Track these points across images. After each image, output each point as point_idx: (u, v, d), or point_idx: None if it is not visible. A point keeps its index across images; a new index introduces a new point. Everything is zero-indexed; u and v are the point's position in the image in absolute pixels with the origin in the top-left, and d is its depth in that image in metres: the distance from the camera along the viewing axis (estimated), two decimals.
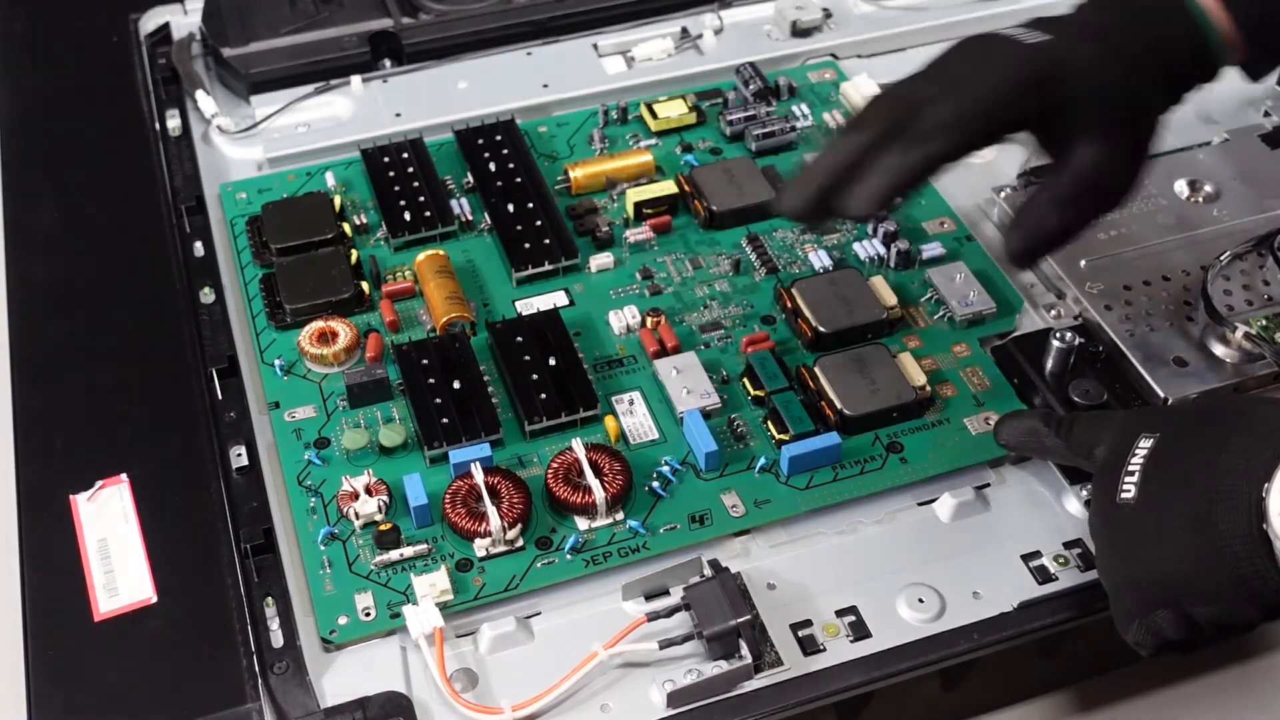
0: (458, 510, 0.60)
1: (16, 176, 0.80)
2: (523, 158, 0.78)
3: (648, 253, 0.74)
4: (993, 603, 0.58)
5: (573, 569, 0.59)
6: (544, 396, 0.65)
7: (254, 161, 0.81)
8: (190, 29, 0.90)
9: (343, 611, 0.57)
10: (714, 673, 0.54)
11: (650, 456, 0.64)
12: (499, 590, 0.58)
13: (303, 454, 0.64)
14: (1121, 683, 0.64)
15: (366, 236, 0.75)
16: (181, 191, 0.78)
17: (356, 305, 0.71)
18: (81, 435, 0.65)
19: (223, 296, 0.72)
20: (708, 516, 0.61)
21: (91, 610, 0.57)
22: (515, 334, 0.67)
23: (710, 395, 0.65)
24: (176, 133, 0.83)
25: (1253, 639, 0.65)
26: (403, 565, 0.59)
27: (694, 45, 0.88)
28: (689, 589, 0.56)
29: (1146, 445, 0.53)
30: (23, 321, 0.71)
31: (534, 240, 0.73)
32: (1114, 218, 0.73)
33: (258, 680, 0.55)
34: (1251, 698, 0.63)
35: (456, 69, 0.87)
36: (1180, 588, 0.50)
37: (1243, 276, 0.70)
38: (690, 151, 0.80)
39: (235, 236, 0.75)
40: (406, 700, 0.55)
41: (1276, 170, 0.76)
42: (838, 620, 0.58)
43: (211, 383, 0.67)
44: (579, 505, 0.60)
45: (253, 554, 0.59)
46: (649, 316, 0.69)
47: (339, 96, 0.85)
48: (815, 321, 0.68)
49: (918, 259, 0.72)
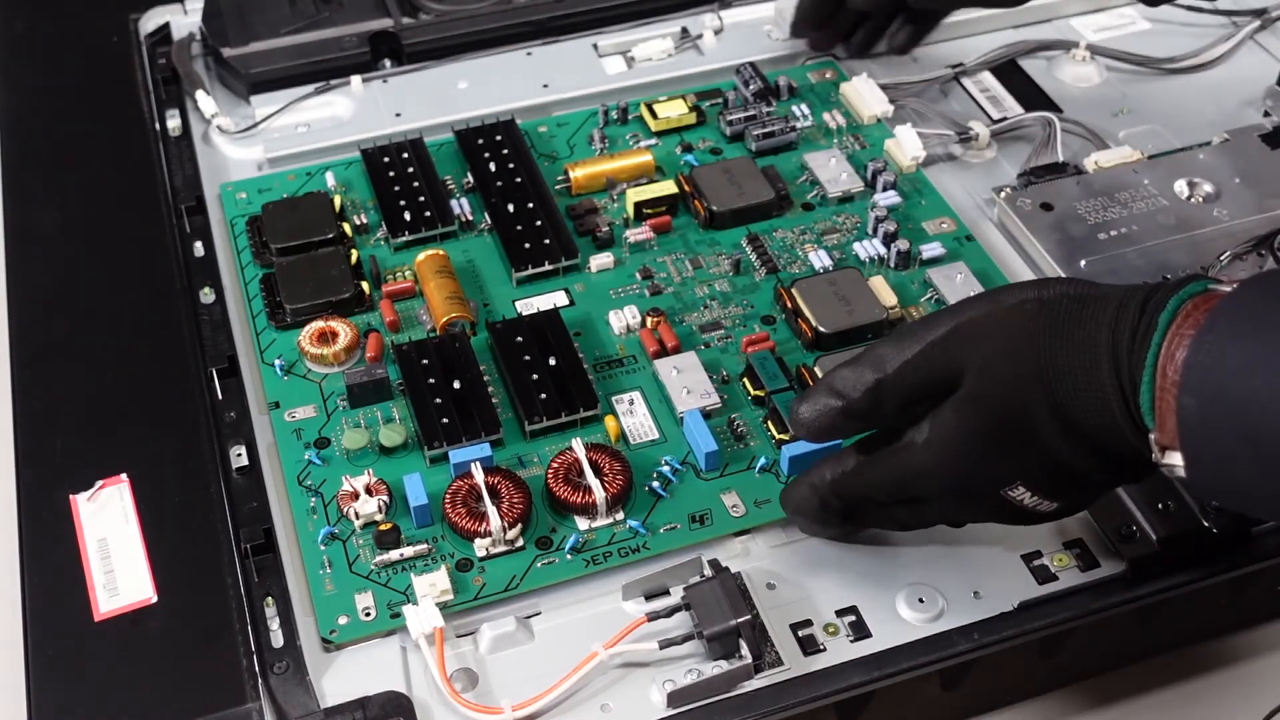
0: (458, 510, 0.60)
1: (16, 177, 0.79)
2: (523, 158, 0.78)
3: (648, 253, 0.74)
4: (993, 603, 0.58)
5: (573, 569, 0.59)
6: (544, 396, 0.65)
7: (254, 161, 0.81)
8: (190, 29, 0.90)
9: (343, 611, 0.57)
10: (714, 673, 0.54)
11: (650, 456, 0.64)
12: (499, 590, 0.58)
13: (303, 454, 0.64)
14: (1121, 683, 0.64)
15: (366, 236, 0.75)
16: (181, 192, 0.78)
17: (356, 305, 0.71)
18: (81, 435, 0.65)
19: (223, 296, 0.72)
20: (708, 516, 0.61)
21: (91, 610, 0.57)
22: (515, 334, 0.67)
23: (710, 395, 0.65)
24: (176, 133, 0.83)
25: (1254, 639, 0.65)
26: (403, 565, 0.59)
27: (694, 45, 0.88)
28: (689, 589, 0.56)
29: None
30: (23, 321, 0.71)
31: (534, 240, 0.73)
32: (1114, 217, 0.73)
33: (258, 680, 0.55)
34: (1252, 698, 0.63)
35: (456, 69, 0.87)
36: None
37: (1243, 276, 0.69)
38: (690, 151, 0.80)
39: (235, 237, 0.75)
40: (406, 700, 0.55)
41: (1276, 170, 0.76)
42: (838, 620, 0.58)
43: (211, 383, 0.67)
44: (579, 505, 0.60)
45: (253, 554, 0.59)
46: (649, 316, 0.69)
47: (339, 96, 0.85)
48: (815, 321, 0.68)
49: (918, 259, 0.72)
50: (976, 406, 0.50)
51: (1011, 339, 0.50)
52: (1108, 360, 0.47)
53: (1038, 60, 0.88)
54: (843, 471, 0.55)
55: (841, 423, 0.53)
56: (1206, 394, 0.44)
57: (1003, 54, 0.88)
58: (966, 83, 0.86)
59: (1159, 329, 0.46)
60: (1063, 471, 0.50)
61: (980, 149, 0.81)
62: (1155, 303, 0.47)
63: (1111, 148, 0.79)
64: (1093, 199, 0.74)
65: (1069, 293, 0.50)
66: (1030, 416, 0.49)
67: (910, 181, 0.78)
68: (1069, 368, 0.48)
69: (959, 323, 0.51)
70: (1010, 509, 0.53)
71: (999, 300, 0.51)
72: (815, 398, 0.53)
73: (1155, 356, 0.46)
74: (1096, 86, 0.86)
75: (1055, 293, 0.50)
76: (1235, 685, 0.64)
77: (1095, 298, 0.49)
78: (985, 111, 0.84)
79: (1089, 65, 0.87)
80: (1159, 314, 0.46)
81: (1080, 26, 0.91)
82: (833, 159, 0.78)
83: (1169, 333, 0.46)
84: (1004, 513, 0.53)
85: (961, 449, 0.51)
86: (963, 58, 0.87)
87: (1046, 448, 0.50)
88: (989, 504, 0.53)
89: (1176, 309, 0.46)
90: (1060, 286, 0.50)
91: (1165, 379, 0.46)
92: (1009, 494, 0.52)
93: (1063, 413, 0.49)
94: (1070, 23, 0.91)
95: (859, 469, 0.55)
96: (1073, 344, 0.48)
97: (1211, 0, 0.91)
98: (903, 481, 0.53)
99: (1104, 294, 0.49)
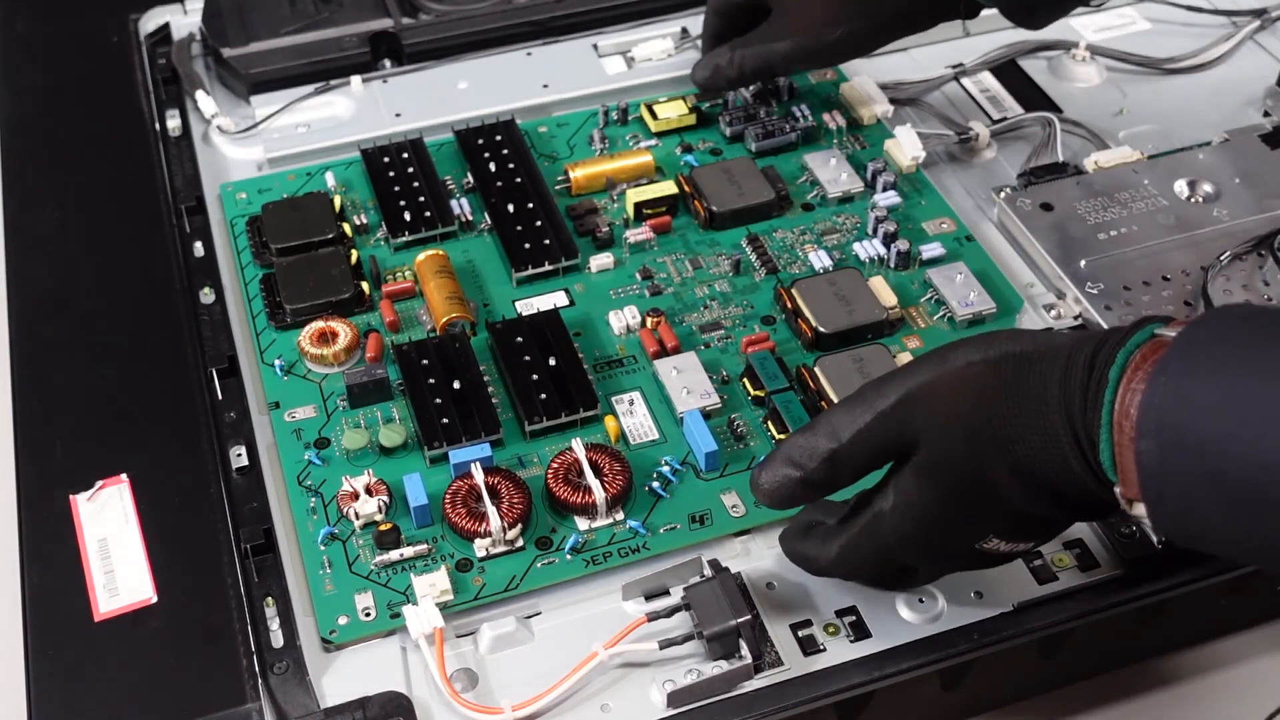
0: (458, 510, 0.60)
1: (16, 176, 0.80)
2: (523, 158, 0.78)
3: (648, 253, 0.74)
4: (992, 603, 0.58)
5: (573, 569, 0.59)
6: (544, 396, 0.65)
7: (254, 162, 0.81)
8: (190, 29, 0.90)
9: (343, 611, 0.57)
10: (714, 673, 0.54)
11: (650, 457, 0.64)
12: (499, 590, 0.58)
13: (303, 454, 0.64)
14: (1121, 683, 0.64)
15: (366, 237, 0.75)
16: (181, 192, 0.78)
17: (356, 305, 0.71)
18: (81, 435, 0.65)
19: (223, 297, 0.72)
20: (708, 516, 0.61)
21: (91, 610, 0.57)
22: (515, 334, 0.67)
23: (710, 395, 0.65)
24: (176, 133, 0.83)
25: (1254, 639, 0.65)
26: (403, 565, 0.59)
27: (694, 45, 0.88)
28: (689, 589, 0.56)
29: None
30: (23, 321, 0.71)
31: (534, 240, 0.73)
32: (1114, 217, 0.73)
33: (258, 680, 0.55)
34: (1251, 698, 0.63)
35: (456, 69, 0.87)
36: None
37: (1243, 277, 0.70)
38: (690, 152, 0.80)
39: (235, 237, 0.75)
40: (406, 700, 0.55)
41: (1276, 170, 0.76)
42: (838, 620, 0.58)
43: (211, 383, 0.67)
44: (579, 505, 0.60)
45: (253, 554, 0.59)
46: (649, 317, 0.69)
47: (339, 97, 0.85)
48: (815, 322, 0.68)
49: (918, 259, 0.72)
50: (934, 471, 0.50)
51: (962, 402, 0.50)
52: (1061, 419, 0.47)
53: (1038, 60, 0.88)
54: (828, 560, 0.55)
55: (801, 492, 0.53)
56: (1165, 436, 0.44)
57: (1003, 54, 0.88)
58: (966, 83, 0.86)
59: (1110, 385, 0.46)
60: (1031, 520, 0.51)
61: (980, 149, 0.81)
62: (1104, 356, 0.47)
63: (1111, 148, 0.79)
64: (1093, 199, 0.74)
65: (1013, 350, 0.50)
66: (990, 477, 0.49)
67: (910, 182, 0.78)
68: (1023, 430, 0.48)
69: (908, 389, 0.51)
70: (989, 557, 0.53)
71: (945, 362, 0.51)
72: (773, 467, 0.53)
73: (1110, 413, 0.46)
74: (1096, 86, 0.86)
75: (1000, 351, 0.50)
76: (1235, 685, 0.64)
77: (1041, 354, 0.49)
78: (985, 111, 0.84)
79: (1089, 65, 0.87)
80: (1109, 368, 0.46)
81: (1080, 26, 0.91)
82: (833, 159, 0.78)
83: (1120, 387, 0.46)
84: (985, 560, 0.54)
85: (926, 513, 0.51)
86: (963, 58, 0.87)
87: (1010, 503, 0.50)
88: (967, 557, 0.53)
89: (1125, 361, 0.46)
90: (1005, 344, 0.50)
91: (1123, 434, 0.46)
92: (984, 546, 0.52)
93: (1022, 472, 0.49)
94: (1070, 23, 0.91)
95: (841, 556, 0.55)
96: (1024, 406, 0.48)
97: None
98: (882, 549, 0.53)
99: (1050, 349, 0.49)
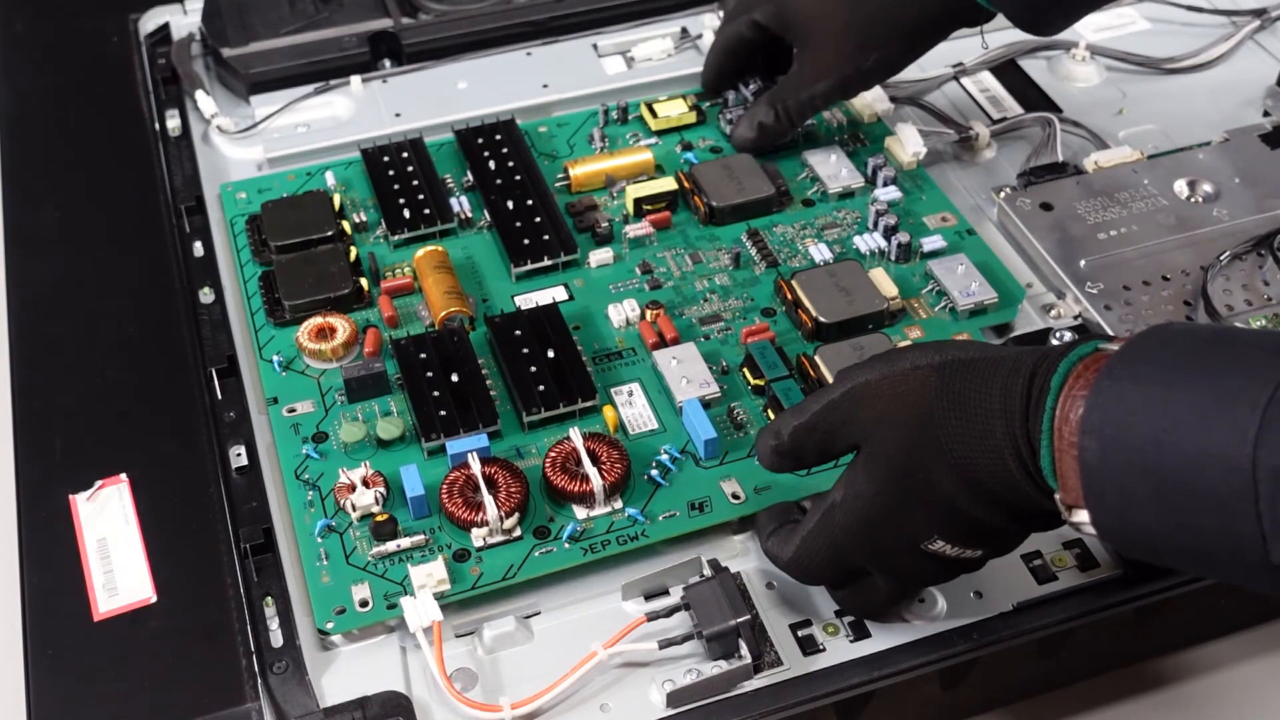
0: (454, 500, 0.60)
1: (16, 176, 0.79)
2: (523, 157, 0.78)
3: (647, 248, 0.74)
4: (992, 603, 0.58)
5: (571, 557, 0.59)
6: (542, 388, 0.65)
7: (254, 161, 0.81)
8: (190, 29, 0.90)
9: (339, 603, 0.57)
10: (714, 673, 0.54)
11: (649, 446, 0.63)
12: (496, 579, 0.58)
13: (301, 449, 0.63)
14: (1121, 683, 0.64)
15: (365, 234, 0.75)
16: (181, 191, 0.78)
17: (355, 301, 0.71)
18: (81, 435, 0.65)
19: (222, 296, 0.72)
20: (707, 504, 0.61)
21: (91, 610, 0.57)
22: (513, 327, 0.67)
23: (709, 385, 0.65)
24: (176, 133, 0.83)
25: (1253, 640, 0.65)
26: (400, 556, 0.59)
27: (694, 45, 0.88)
28: (689, 589, 0.56)
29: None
30: (23, 321, 0.71)
31: (533, 236, 0.73)
32: (1114, 217, 0.73)
33: (257, 680, 0.55)
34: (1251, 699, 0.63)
35: (456, 69, 0.87)
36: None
37: (1242, 276, 0.70)
38: (690, 150, 0.80)
39: (235, 236, 0.75)
40: (406, 700, 0.55)
41: (1276, 170, 0.76)
42: (837, 620, 0.58)
43: (211, 382, 0.67)
44: (577, 494, 0.60)
45: (252, 554, 0.59)
46: (648, 309, 0.69)
47: (339, 96, 0.85)
48: (816, 312, 0.68)
49: (919, 252, 0.72)
50: (876, 464, 0.51)
51: (903, 402, 0.50)
52: (1002, 424, 0.48)
53: (1038, 60, 0.88)
54: (789, 556, 0.56)
55: (777, 460, 0.55)
56: (1107, 434, 0.44)
57: (1003, 54, 0.88)
58: (966, 82, 0.86)
59: (1051, 392, 0.47)
60: (975, 524, 0.51)
61: (980, 149, 0.81)
62: (1047, 365, 0.48)
63: (1111, 148, 0.79)
64: (1092, 199, 0.74)
65: (960, 357, 0.51)
66: (930, 475, 0.50)
67: (911, 177, 0.78)
68: (962, 430, 0.49)
69: (854, 384, 0.52)
70: (939, 561, 0.53)
71: (894, 364, 0.52)
72: (764, 434, 0.55)
73: (1051, 419, 0.46)
74: (1096, 86, 0.86)
75: (948, 357, 0.51)
76: (1235, 686, 0.64)
77: (987, 361, 0.50)
78: (985, 111, 0.84)
79: (1089, 65, 0.87)
80: (1051, 377, 0.47)
81: (1080, 26, 0.90)
82: (833, 156, 0.78)
83: (1062, 394, 0.46)
84: (937, 564, 0.53)
85: (871, 505, 0.52)
86: (963, 58, 0.87)
87: (951, 502, 0.50)
88: (915, 559, 0.53)
89: (1068, 371, 0.47)
90: (954, 351, 0.51)
91: (1063, 440, 0.46)
92: (930, 548, 0.52)
93: (961, 473, 0.49)
94: None
95: (797, 552, 0.55)
96: (965, 410, 0.49)
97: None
98: (834, 546, 0.54)
99: (996, 357, 0.50)
